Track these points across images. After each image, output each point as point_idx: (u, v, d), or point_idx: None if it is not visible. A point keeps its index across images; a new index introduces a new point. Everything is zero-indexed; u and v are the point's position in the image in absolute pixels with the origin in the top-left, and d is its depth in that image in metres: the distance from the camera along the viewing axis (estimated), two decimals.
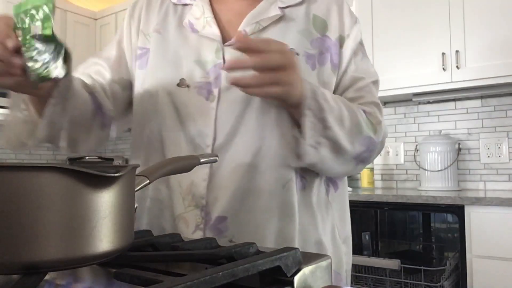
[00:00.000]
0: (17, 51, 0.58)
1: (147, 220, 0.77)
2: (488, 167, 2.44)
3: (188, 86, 0.74)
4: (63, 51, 0.59)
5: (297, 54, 0.75)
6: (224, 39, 0.76)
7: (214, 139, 0.72)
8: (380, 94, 2.42)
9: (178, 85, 0.75)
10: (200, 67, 0.75)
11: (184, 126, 0.74)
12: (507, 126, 2.40)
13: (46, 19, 0.57)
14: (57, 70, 0.58)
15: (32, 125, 0.70)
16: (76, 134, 0.77)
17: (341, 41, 0.81)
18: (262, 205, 0.72)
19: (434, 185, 2.38)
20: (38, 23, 0.57)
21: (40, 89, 0.64)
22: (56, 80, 0.61)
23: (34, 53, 0.57)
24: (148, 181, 0.52)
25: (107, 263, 0.42)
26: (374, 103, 0.81)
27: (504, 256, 1.83)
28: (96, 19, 3.73)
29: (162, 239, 0.53)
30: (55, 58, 0.58)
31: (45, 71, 0.58)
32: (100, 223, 0.39)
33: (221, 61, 0.74)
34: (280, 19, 0.77)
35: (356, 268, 2.12)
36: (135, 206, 0.51)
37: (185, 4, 0.82)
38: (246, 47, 0.62)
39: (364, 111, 0.77)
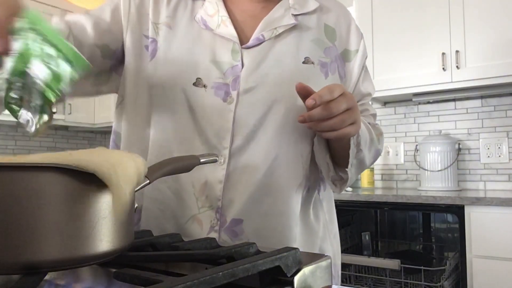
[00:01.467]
0: None
1: (143, 219, 0.75)
2: (488, 167, 2.44)
3: (205, 86, 0.72)
4: (47, 113, 0.49)
5: (313, 63, 0.76)
6: (241, 40, 0.75)
7: (232, 142, 0.71)
8: (380, 94, 2.45)
9: (194, 84, 0.72)
10: (216, 68, 0.73)
11: (199, 126, 0.72)
12: (507, 126, 2.40)
13: (57, 78, 0.47)
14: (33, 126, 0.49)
15: None
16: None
17: (345, 55, 0.83)
18: (277, 210, 0.73)
19: (434, 185, 2.38)
20: (44, 73, 0.47)
21: None
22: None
23: (13, 95, 0.47)
24: (148, 181, 0.52)
25: (107, 263, 0.42)
26: (373, 115, 0.91)
27: (504, 256, 1.83)
28: None
29: (162, 239, 0.53)
30: (36, 115, 0.49)
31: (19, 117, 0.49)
32: (100, 223, 0.39)
33: (239, 63, 0.73)
34: (294, 27, 0.77)
35: (356, 268, 2.12)
36: (135, 206, 0.51)
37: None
38: (317, 104, 0.63)
39: (370, 124, 0.84)
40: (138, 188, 0.50)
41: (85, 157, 0.37)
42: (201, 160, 0.61)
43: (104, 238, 0.39)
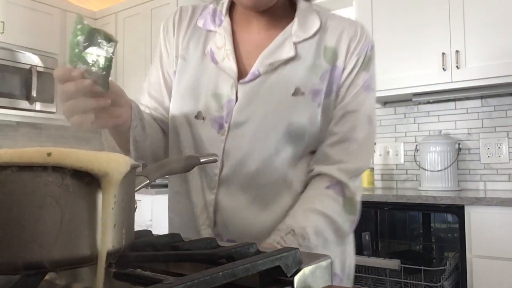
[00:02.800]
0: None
1: (169, 227, 0.88)
2: (488, 167, 2.44)
3: (203, 118, 0.80)
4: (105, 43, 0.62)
5: (303, 93, 0.77)
6: (240, 73, 0.80)
7: (221, 170, 0.79)
8: (380, 94, 2.44)
9: (196, 117, 0.81)
10: (215, 101, 0.79)
11: (197, 153, 0.80)
12: (507, 126, 2.40)
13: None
14: (107, 58, 0.61)
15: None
16: (156, 151, 0.86)
17: (343, 70, 0.81)
18: (265, 234, 0.76)
19: (434, 185, 2.38)
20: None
21: (118, 115, 0.70)
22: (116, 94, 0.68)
23: (89, 60, 0.60)
24: (148, 181, 0.52)
25: (107, 263, 0.42)
26: (355, 142, 0.80)
27: (504, 256, 1.83)
28: (96, 19, 3.73)
29: (162, 239, 0.53)
30: (102, 50, 0.61)
31: (103, 65, 0.61)
32: (100, 223, 0.39)
33: (234, 97, 0.79)
34: (291, 58, 0.79)
35: (356, 268, 2.12)
36: (135, 206, 0.51)
37: (209, 31, 0.85)
38: None
39: (344, 194, 0.78)
40: (138, 188, 0.50)
41: (77, 155, 0.37)
42: (201, 160, 0.61)
43: (104, 238, 0.39)
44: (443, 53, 2.25)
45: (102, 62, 0.61)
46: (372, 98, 0.85)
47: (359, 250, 2.41)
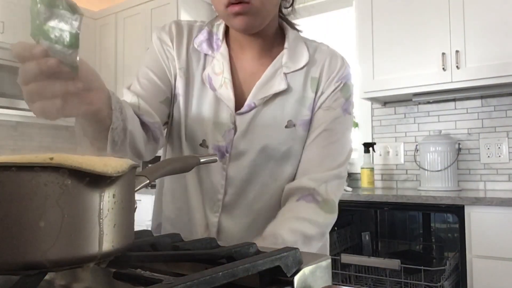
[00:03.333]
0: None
1: None
2: (488, 167, 2.44)
3: (207, 146, 0.85)
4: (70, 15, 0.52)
5: (294, 125, 0.84)
6: (237, 100, 0.84)
7: (224, 195, 0.84)
8: (380, 94, 2.45)
9: (200, 144, 0.85)
10: (217, 130, 0.84)
11: (202, 180, 0.86)
12: (507, 126, 2.40)
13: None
14: (73, 34, 0.52)
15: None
16: (136, 147, 0.81)
17: (322, 95, 0.87)
18: None
19: (434, 185, 2.38)
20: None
21: (91, 102, 0.61)
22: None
23: (51, 35, 0.51)
24: (148, 181, 0.52)
25: (107, 263, 0.42)
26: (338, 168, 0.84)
27: (504, 256, 1.83)
28: (96, 19, 3.73)
29: (162, 239, 0.53)
30: (67, 24, 0.51)
31: (68, 42, 0.51)
32: (100, 223, 0.39)
33: (233, 127, 0.83)
34: (282, 91, 0.84)
35: (356, 268, 2.12)
36: (135, 206, 0.51)
37: (206, 54, 0.87)
38: None
39: (316, 200, 0.80)
40: (138, 188, 0.50)
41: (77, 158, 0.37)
42: (201, 160, 0.61)
43: (104, 238, 0.39)
44: (443, 53, 2.25)
45: (67, 38, 0.51)
46: (349, 121, 0.89)
47: (359, 250, 2.41)
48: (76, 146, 0.73)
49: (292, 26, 0.91)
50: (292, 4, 0.92)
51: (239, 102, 0.84)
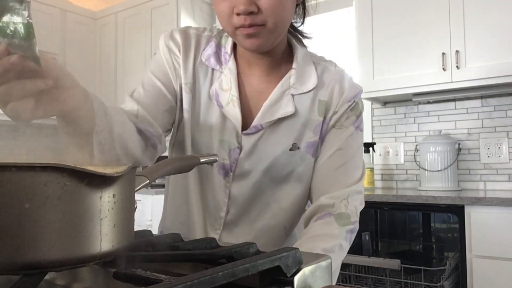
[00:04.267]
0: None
1: None
2: (488, 167, 2.44)
3: (212, 164, 0.83)
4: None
5: (298, 148, 0.84)
6: (243, 119, 0.83)
7: (227, 213, 0.84)
8: (380, 94, 2.45)
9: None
10: (222, 148, 0.83)
11: (204, 196, 0.86)
12: (507, 126, 2.40)
13: None
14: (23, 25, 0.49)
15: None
16: (131, 153, 0.79)
17: (331, 117, 0.86)
18: None
19: (434, 185, 2.38)
20: None
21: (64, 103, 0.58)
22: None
23: (7, 30, 0.48)
24: (148, 181, 0.52)
25: (107, 263, 0.42)
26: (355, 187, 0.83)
27: (504, 256, 1.83)
28: (96, 19, 3.73)
29: (162, 239, 0.53)
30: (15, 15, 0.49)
31: (24, 34, 0.49)
32: (100, 223, 0.39)
33: (238, 147, 0.83)
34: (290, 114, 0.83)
35: (356, 268, 2.12)
36: (135, 206, 0.51)
37: (214, 69, 0.85)
38: None
39: (330, 215, 0.80)
40: (138, 188, 0.50)
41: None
42: (201, 160, 0.61)
43: (104, 238, 0.39)
44: (443, 53, 2.25)
45: (22, 30, 0.49)
46: (361, 137, 0.89)
47: (359, 250, 2.41)
48: (64, 153, 0.70)
49: (301, 43, 0.90)
50: (303, 22, 0.90)
51: (245, 120, 0.84)
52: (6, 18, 0.48)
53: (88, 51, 3.65)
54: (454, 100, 2.54)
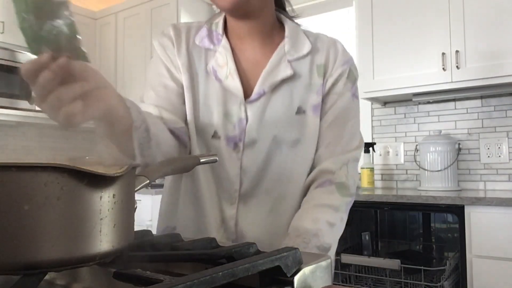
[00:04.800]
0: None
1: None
2: (488, 167, 2.44)
3: (220, 137, 0.84)
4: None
5: (304, 111, 0.85)
6: (245, 90, 0.84)
7: (240, 185, 0.84)
8: (380, 94, 2.44)
9: (212, 136, 0.85)
10: (228, 120, 0.84)
11: (215, 171, 0.85)
12: (507, 126, 2.40)
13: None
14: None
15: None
16: (167, 154, 0.81)
17: (328, 79, 0.89)
18: (281, 243, 0.78)
19: (434, 185, 2.38)
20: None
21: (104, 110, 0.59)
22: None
23: (51, 36, 0.49)
24: (148, 181, 0.52)
25: (107, 263, 0.42)
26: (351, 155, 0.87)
27: (504, 256, 1.83)
28: (96, 19, 3.73)
29: (162, 239, 0.53)
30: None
31: (69, 33, 0.50)
32: (100, 223, 0.39)
33: (244, 116, 0.83)
34: (290, 77, 0.85)
35: (356, 268, 2.12)
36: (135, 206, 0.51)
37: (208, 49, 0.88)
38: None
39: (332, 182, 0.84)
40: (138, 188, 0.50)
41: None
42: (201, 160, 0.61)
43: (104, 238, 0.39)
44: (443, 53, 2.25)
45: (65, 31, 0.50)
46: (358, 105, 0.92)
47: (359, 250, 2.41)
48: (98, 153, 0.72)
49: (290, 18, 0.93)
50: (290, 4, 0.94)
51: (246, 91, 0.85)
52: (47, 27, 0.49)
53: (88, 51, 3.64)
54: (454, 100, 2.54)
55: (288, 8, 0.95)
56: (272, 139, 0.84)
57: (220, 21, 0.89)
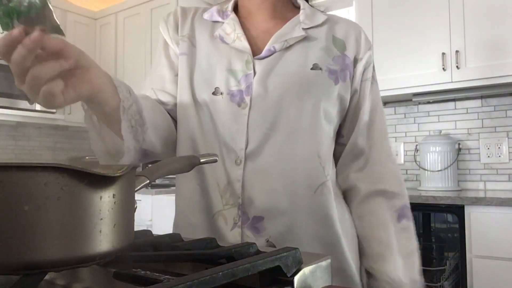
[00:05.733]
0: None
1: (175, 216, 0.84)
2: (488, 167, 2.44)
3: (222, 93, 0.79)
4: None
5: (321, 69, 0.80)
6: (254, 52, 0.80)
7: (247, 144, 0.77)
8: (380, 94, 2.44)
9: (213, 93, 0.79)
10: (232, 76, 0.79)
11: (218, 131, 0.78)
12: (507, 126, 2.40)
13: None
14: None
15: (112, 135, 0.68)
16: (166, 139, 0.80)
17: (355, 62, 0.85)
18: (295, 208, 0.75)
19: (434, 185, 2.38)
20: None
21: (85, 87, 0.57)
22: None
23: (21, 8, 0.47)
24: (148, 181, 0.52)
25: (107, 263, 0.42)
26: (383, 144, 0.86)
27: (504, 256, 1.83)
28: (96, 19, 3.73)
29: (162, 239, 0.53)
30: None
31: (40, 2, 0.48)
32: (100, 223, 0.39)
33: (251, 72, 0.79)
34: (304, 38, 0.82)
35: None
36: (135, 206, 0.51)
37: (216, 21, 0.86)
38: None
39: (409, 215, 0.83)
40: (138, 188, 0.50)
41: None
42: (201, 160, 0.61)
43: (104, 238, 0.39)
44: (443, 53, 2.25)
45: (37, 1, 0.48)
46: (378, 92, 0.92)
47: None
48: (91, 149, 0.71)
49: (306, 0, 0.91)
50: None
51: (255, 52, 0.81)
52: None
53: (88, 51, 3.65)
54: (454, 100, 2.54)
55: None
56: (284, 91, 0.77)
57: (230, 3, 0.88)
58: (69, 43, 0.54)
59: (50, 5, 0.49)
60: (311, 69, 0.79)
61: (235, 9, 0.88)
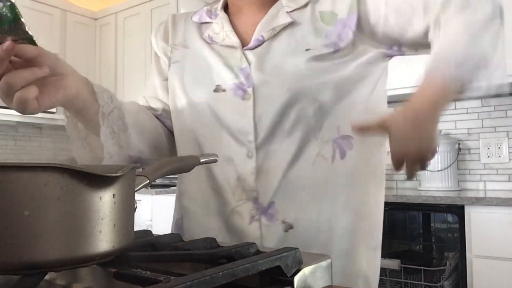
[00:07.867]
0: None
1: (185, 219, 0.82)
2: (488, 167, 2.44)
3: (224, 90, 0.78)
4: None
5: (314, 49, 0.75)
6: (245, 45, 0.80)
7: (256, 135, 0.75)
8: None
9: (215, 91, 0.78)
10: (230, 70, 0.78)
11: (224, 127, 0.77)
12: (507, 126, 2.40)
13: None
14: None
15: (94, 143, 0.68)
16: (156, 144, 0.80)
17: (351, 9, 0.78)
18: (304, 185, 0.74)
19: (434, 185, 2.38)
20: None
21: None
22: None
23: None
24: (148, 181, 0.52)
25: (107, 263, 0.42)
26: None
27: (504, 256, 1.83)
28: (96, 19, 3.73)
29: (162, 239, 0.53)
30: None
31: (11, 15, 0.50)
32: (100, 223, 0.39)
33: (247, 64, 0.77)
34: (290, 25, 0.79)
35: None
36: (135, 206, 0.51)
37: (206, 22, 0.87)
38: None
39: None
40: (138, 188, 0.50)
41: None
42: (201, 160, 0.61)
43: (104, 238, 0.39)
44: None
45: (7, 13, 0.50)
46: None
47: None
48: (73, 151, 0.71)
49: None
50: None
51: (245, 45, 0.80)
52: None
53: (88, 51, 3.65)
54: (454, 100, 2.53)
55: None
56: (285, 78, 0.74)
57: (219, 2, 0.88)
58: (45, 50, 0.56)
59: (22, 18, 0.51)
60: (306, 50, 0.75)
61: (226, 7, 0.88)
